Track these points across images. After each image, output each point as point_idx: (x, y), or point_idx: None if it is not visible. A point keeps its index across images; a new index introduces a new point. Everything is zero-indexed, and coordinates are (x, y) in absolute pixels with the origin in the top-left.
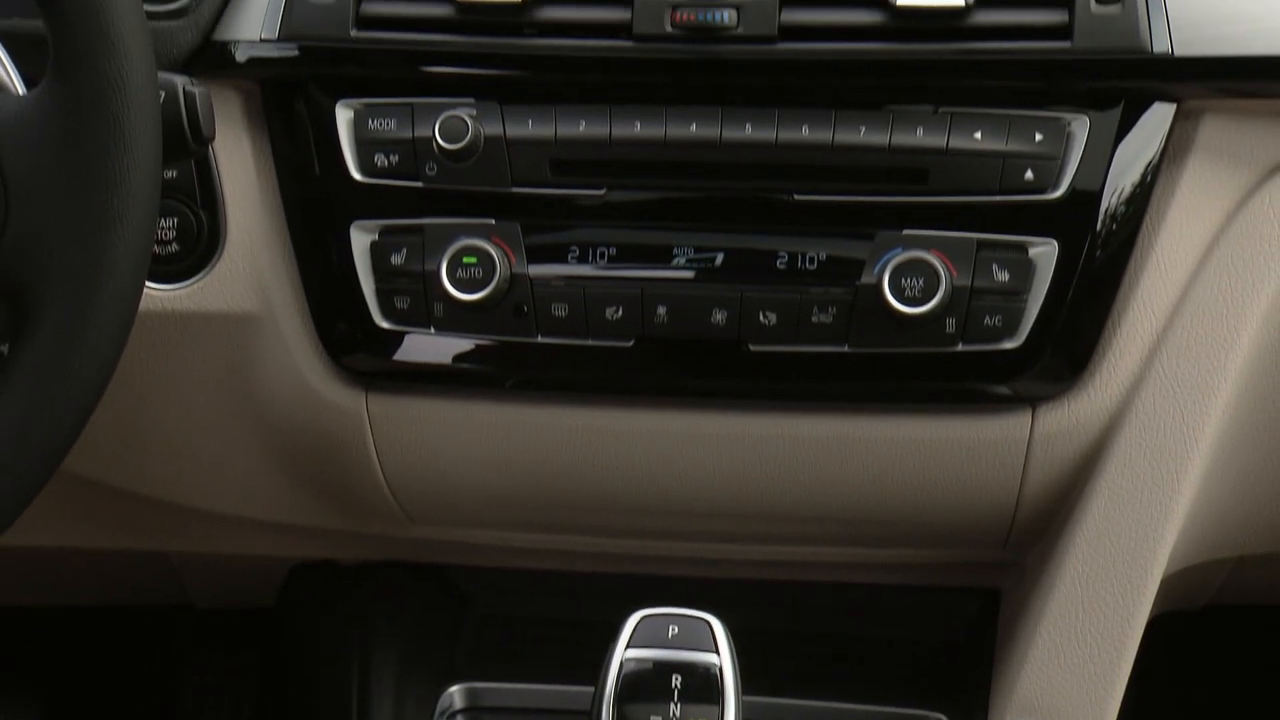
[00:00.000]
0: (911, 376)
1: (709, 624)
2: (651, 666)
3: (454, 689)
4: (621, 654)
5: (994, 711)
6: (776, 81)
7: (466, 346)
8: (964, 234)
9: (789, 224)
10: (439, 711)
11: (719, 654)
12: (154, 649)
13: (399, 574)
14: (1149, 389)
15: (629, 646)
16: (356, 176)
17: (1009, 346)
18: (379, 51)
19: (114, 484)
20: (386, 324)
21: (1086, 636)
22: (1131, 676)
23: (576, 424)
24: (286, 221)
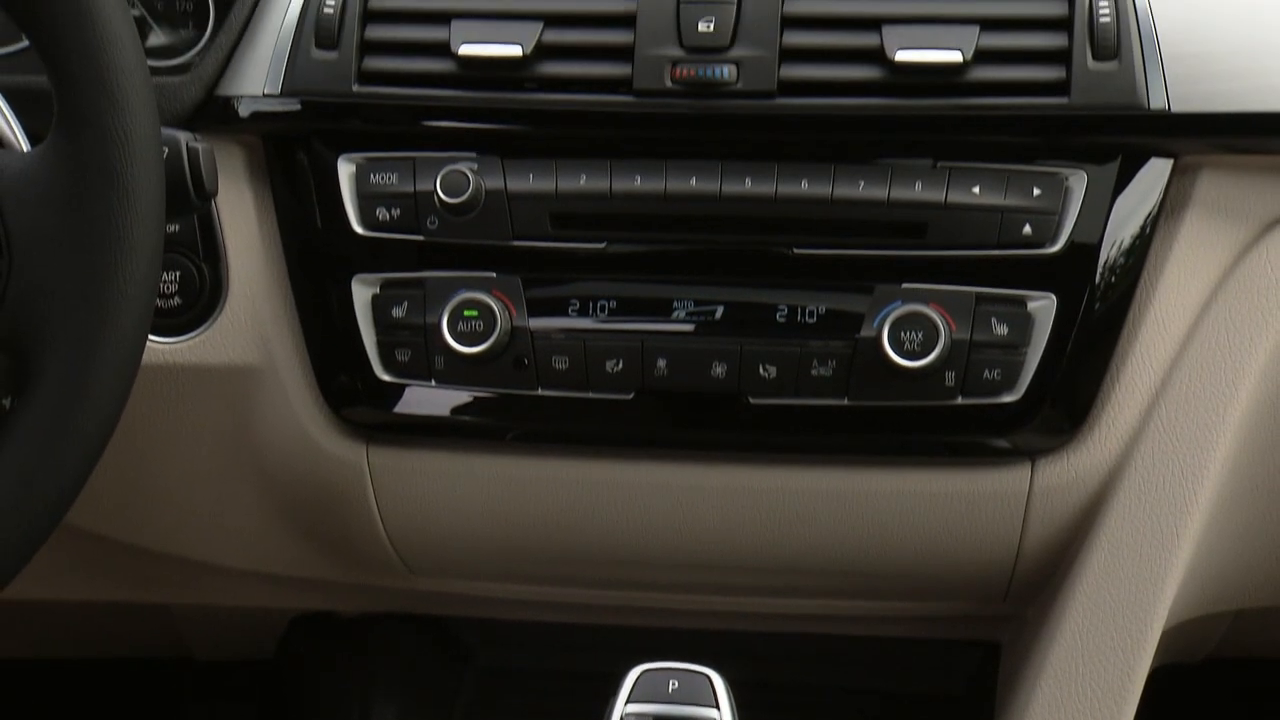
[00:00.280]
0: (911, 429)
1: (709, 679)
2: None
3: None
4: (622, 709)
5: None
6: (776, 136)
7: (467, 399)
8: (963, 288)
9: (788, 277)
10: None
11: (719, 709)
12: (154, 701)
13: (399, 626)
14: (1148, 443)
15: (629, 701)
16: (358, 230)
17: (1008, 400)
18: (381, 106)
19: (114, 537)
20: (387, 376)
21: (1087, 690)
22: None
23: (577, 476)
24: (288, 274)
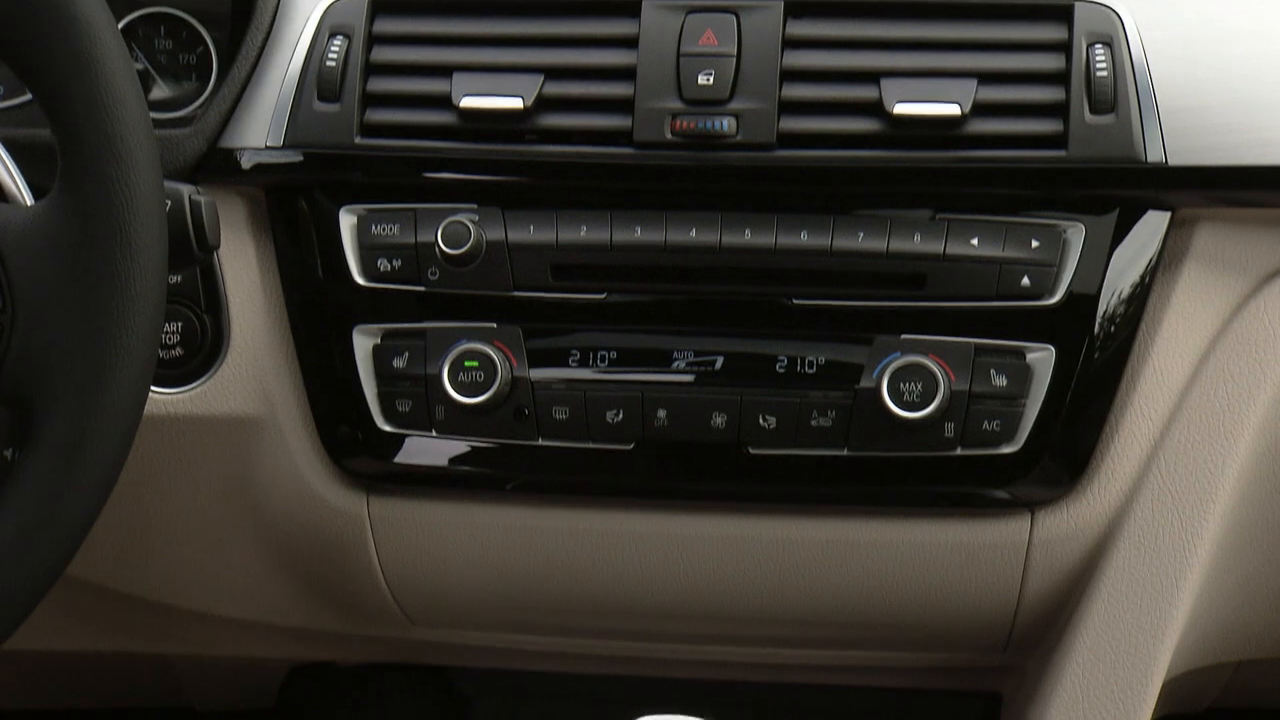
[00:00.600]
0: (910, 480)
1: None
2: None
3: None
4: None
5: None
6: (775, 188)
7: (468, 449)
8: (962, 339)
9: (788, 328)
10: None
11: None
12: None
13: (399, 676)
14: (1147, 494)
15: None
16: (359, 281)
17: (1007, 451)
18: (383, 158)
19: (114, 587)
20: (388, 427)
21: None
22: None
23: (577, 526)
24: (289, 325)
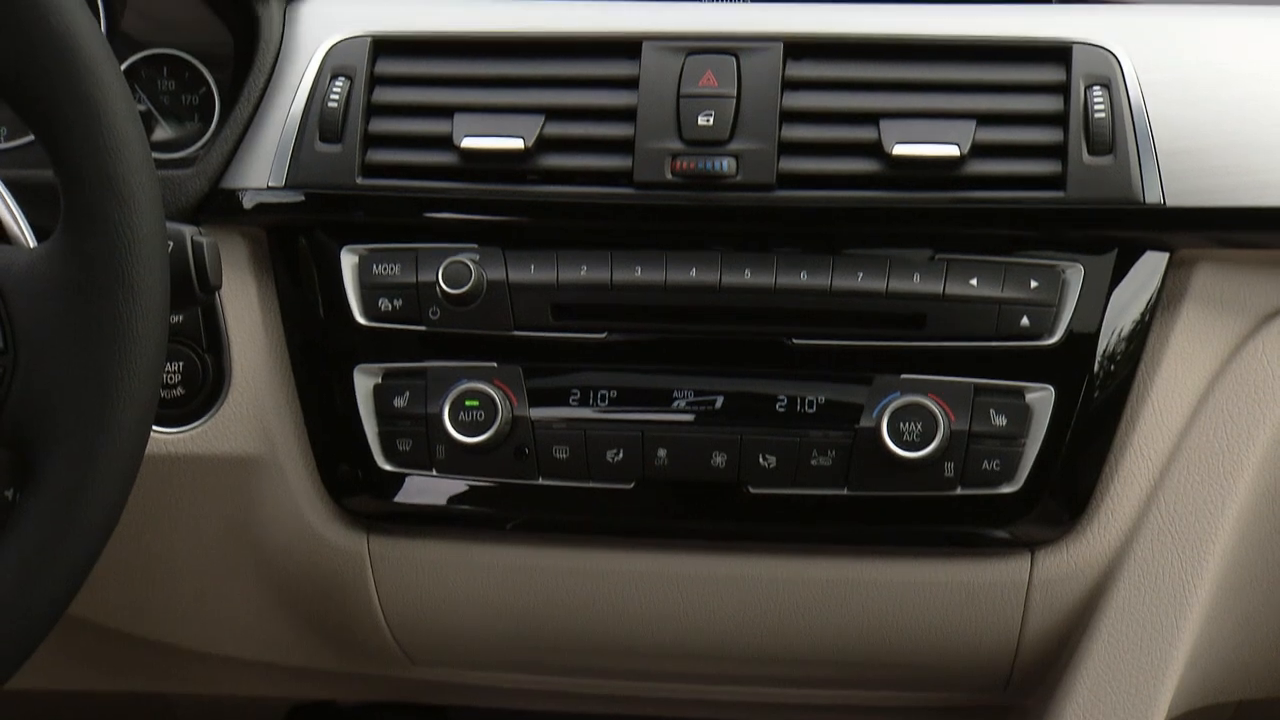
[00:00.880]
0: (910, 520)
1: None
2: None
3: None
4: None
5: None
6: (775, 228)
7: (468, 488)
8: (961, 379)
9: (788, 368)
10: None
11: None
12: None
13: (399, 715)
14: (1147, 533)
15: None
16: (360, 320)
17: (1007, 491)
18: (384, 199)
19: (115, 626)
20: (388, 466)
21: None
22: None
23: (577, 566)
24: (290, 365)
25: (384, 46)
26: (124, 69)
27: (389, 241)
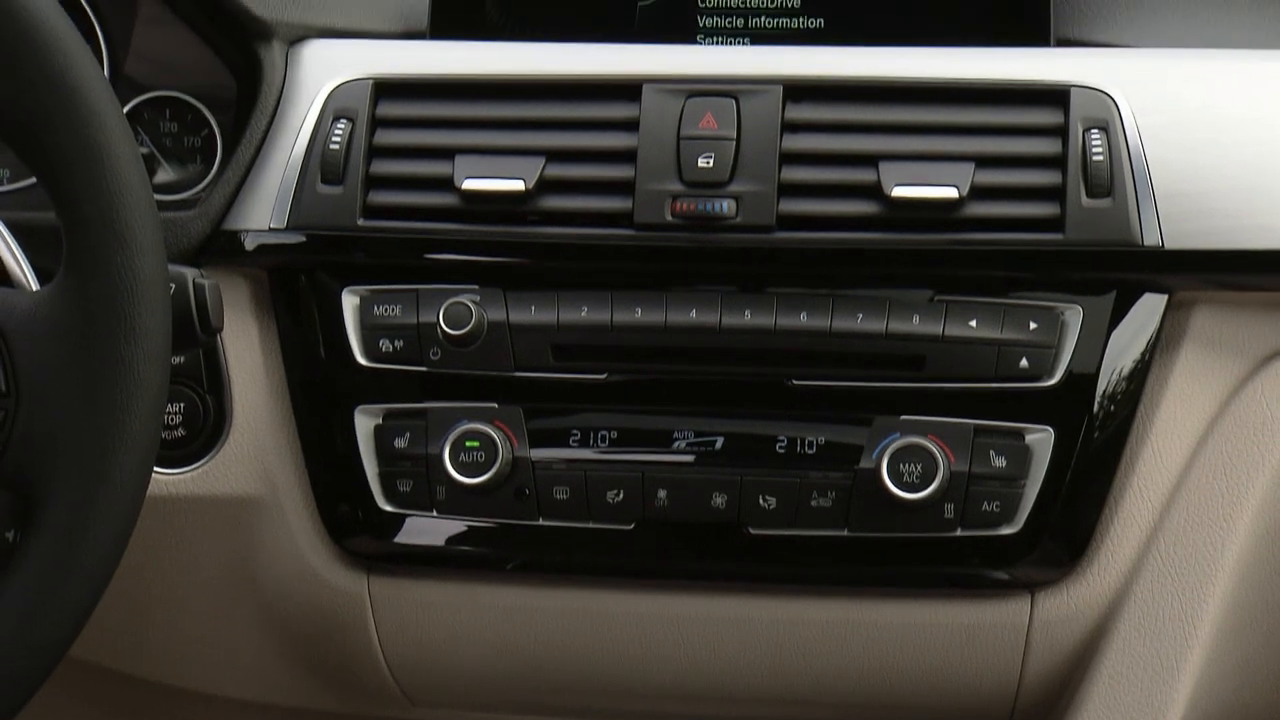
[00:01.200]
0: (910, 561)
1: None
2: None
3: None
4: None
5: None
6: (775, 269)
7: (468, 529)
8: (961, 420)
9: (788, 409)
10: None
11: None
12: None
13: None
14: (1147, 575)
15: None
16: (361, 361)
17: (1007, 532)
18: (385, 240)
19: (113, 667)
20: (389, 507)
21: None
22: None
23: (578, 606)
24: (291, 405)
25: (385, 89)
26: (126, 111)
27: (390, 282)
